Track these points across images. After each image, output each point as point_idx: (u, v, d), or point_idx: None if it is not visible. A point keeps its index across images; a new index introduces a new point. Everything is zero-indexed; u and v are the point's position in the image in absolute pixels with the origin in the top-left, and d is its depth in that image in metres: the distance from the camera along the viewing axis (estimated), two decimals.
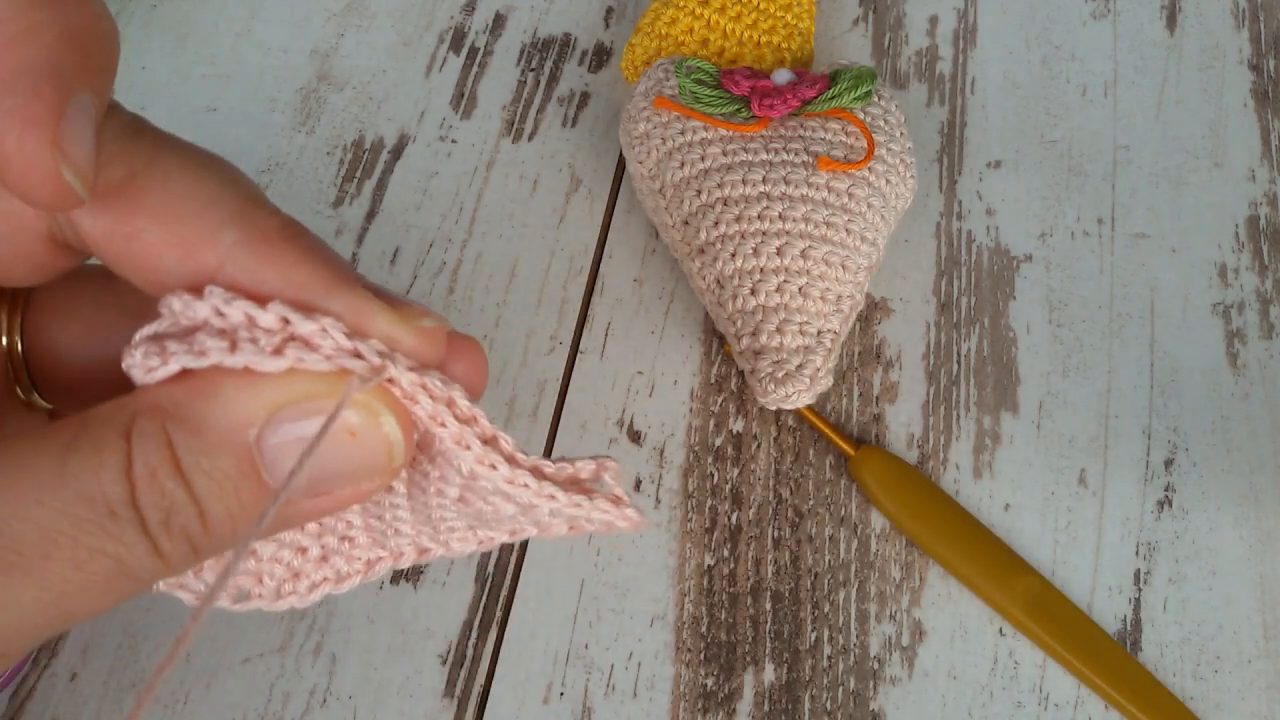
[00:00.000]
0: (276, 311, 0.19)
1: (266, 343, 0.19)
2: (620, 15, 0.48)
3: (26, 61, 0.18)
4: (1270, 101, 0.45)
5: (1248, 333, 0.40)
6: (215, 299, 0.19)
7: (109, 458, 0.18)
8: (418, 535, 0.23)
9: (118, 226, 0.20)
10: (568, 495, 0.21)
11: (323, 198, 0.42)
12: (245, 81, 0.45)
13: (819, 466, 0.37)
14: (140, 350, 0.19)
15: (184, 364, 0.19)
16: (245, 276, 0.20)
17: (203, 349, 0.19)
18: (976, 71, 0.46)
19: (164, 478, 0.19)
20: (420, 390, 0.20)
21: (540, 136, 0.44)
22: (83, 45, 0.18)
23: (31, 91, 0.18)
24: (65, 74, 0.18)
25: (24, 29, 0.18)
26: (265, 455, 0.19)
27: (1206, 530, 0.36)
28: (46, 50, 0.18)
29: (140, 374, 0.19)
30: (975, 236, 0.42)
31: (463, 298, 0.40)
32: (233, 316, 0.19)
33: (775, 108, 0.38)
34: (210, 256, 0.20)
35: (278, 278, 0.20)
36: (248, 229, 0.20)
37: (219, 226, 0.20)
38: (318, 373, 0.19)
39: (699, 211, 0.37)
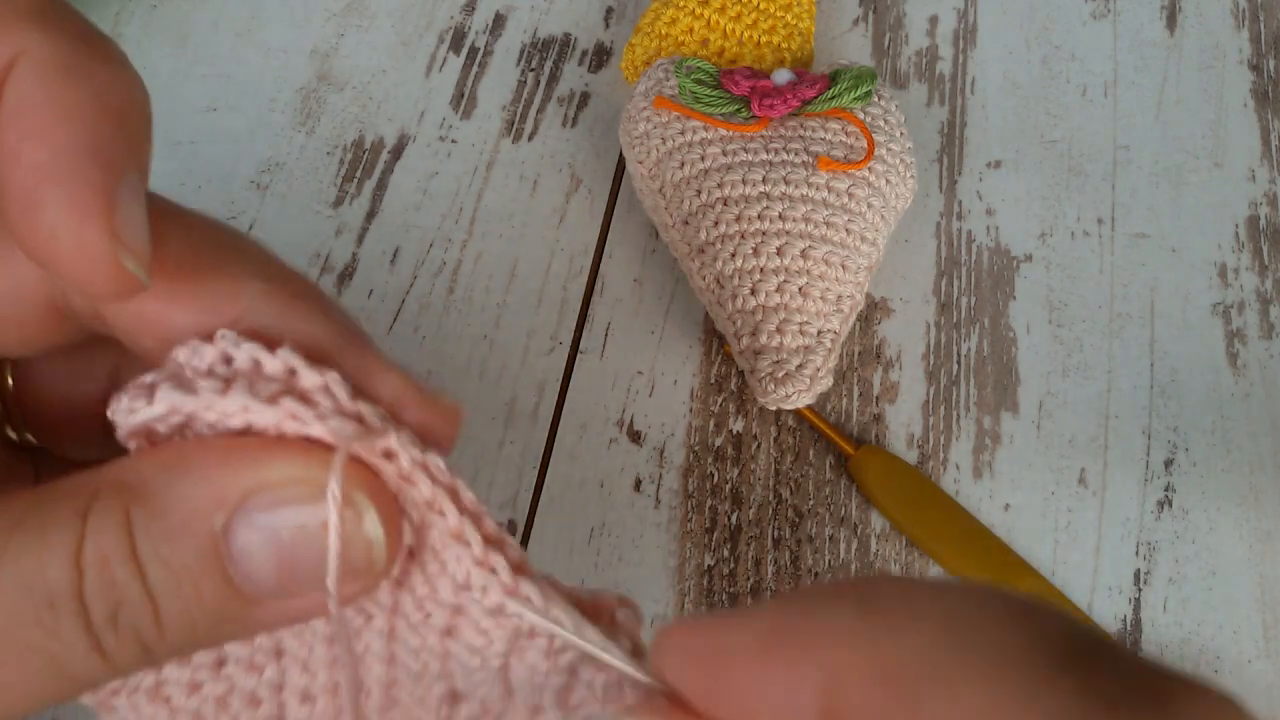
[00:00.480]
0: (284, 359, 0.17)
1: (264, 389, 0.17)
2: (620, 15, 0.48)
3: (70, 145, 0.16)
4: (1270, 101, 0.45)
5: (1248, 333, 0.40)
6: (225, 342, 0.18)
7: (57, 540, 0.16)
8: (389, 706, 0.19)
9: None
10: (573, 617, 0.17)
11: (323, 198, 0.42)
12: (245, 81, 0.45)
13: (819, 466, 0.37)
14: (127, 394, 0.18)
15: (171, 402, 0.17)
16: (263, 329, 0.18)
17: (193, 387, 0.17)
18: (976, 71, 0.46)
19: (116, 566, 0.16)
20: (420, 471, 0.18)
21: (540, 136, 0.44)
22: (123, 119, 0.17)
23: (81, 179, 0.16)
24: (111, 154, 0.17)
25: (63, 110, 0.17)
26: (232, 547, 0.17)
27: (1206, 530, 0.36)
28: (89, 130, 0.17)
29: (123, 416, 0.18)
30: (975, 236, 0.42)
31: (463, 298, 0.40)
32: (240, 361, 0.17)
33: (775, 108, 0.38)
34: (231, 309, 0.18)
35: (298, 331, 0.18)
36: (272, 283, 0.19)
37: (245, 278, 0.18)
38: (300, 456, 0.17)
39: (699, 211, 0.37)
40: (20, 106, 0.16)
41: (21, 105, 0.16)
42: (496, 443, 0.38)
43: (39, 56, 0.17)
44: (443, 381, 0.39)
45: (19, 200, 0.16)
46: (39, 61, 0.17)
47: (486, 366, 0.39)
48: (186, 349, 0.18)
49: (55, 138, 0.16)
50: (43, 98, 0.17)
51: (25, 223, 0.16)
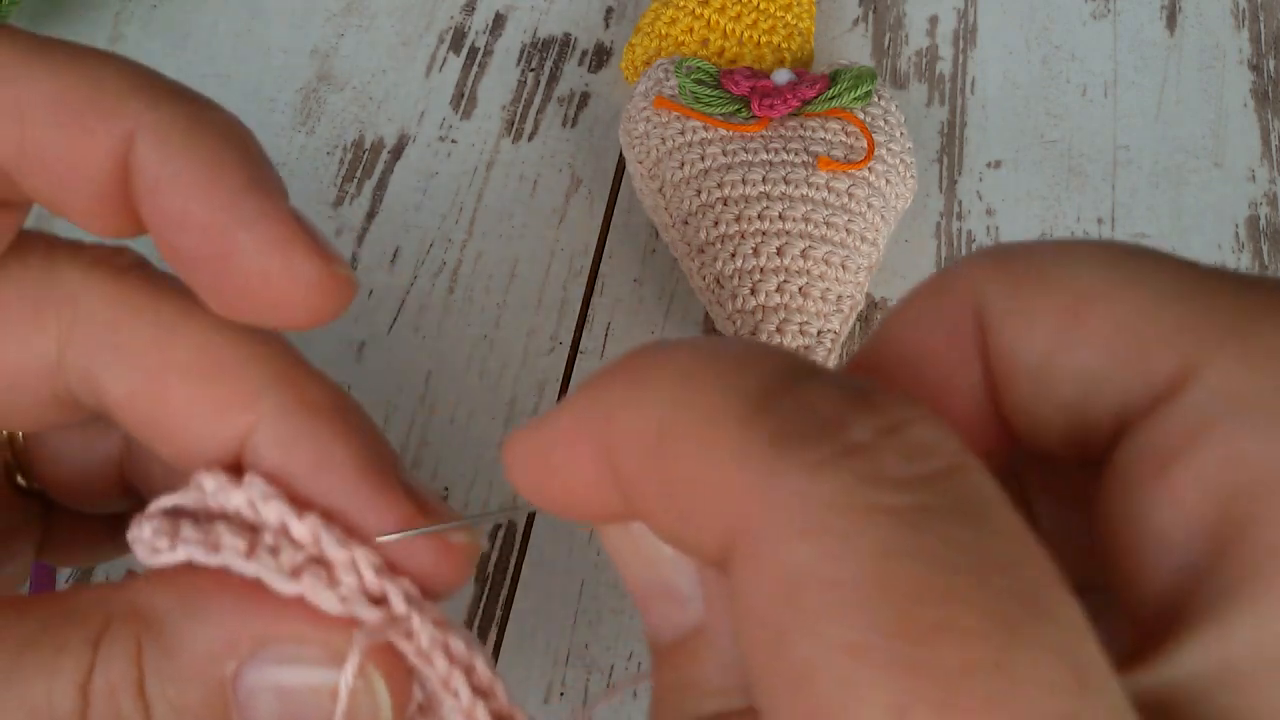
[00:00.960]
0: (311, 527, 0.17)
1: (287, 558, 0.17)
2: (620, 15, 0.48)
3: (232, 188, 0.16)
4: (1270, 101, 0.45)
5: None
6: (254, 492, 0.17)
7: (68, 664, 0.16)
8: None
9: (146, 387, 0.18)
10: None
11: (323, 198, 0.42)
12: (245, 81, 0.45)
13: None
14: (151, 525, 0.17)
15: (192, 556, 0.17)
16: (278, 450, 0.18)
17: (217, 544, 0.17)
18: (976, 71, 0.46)
19: (123, 699, 0.16)
20: (439, 651, 0.18)
21: (540, 136, 0.44)
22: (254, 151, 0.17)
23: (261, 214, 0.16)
24: (267, 184, 0.17)
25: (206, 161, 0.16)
26: (239, 694, 0.17)
27: None
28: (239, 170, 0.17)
29: (144, 552, 0.17)
30: (975, 236, 0.42)
31: (463, 298, 0.40)
32: (266, 517, 0.17)
33: (775, 108, 0.38)
34: (244, 420, 0.18)
35: (314, 458, 0.18)
36: (290, 394, 0.18)
37: (260, 388, 0.18)
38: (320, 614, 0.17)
39: (698, 211, 0.37)
40: (165, 175, 0.16)
41: (166, 174, 0.16)
42: (496, 443, 0.38)
43: (158, 124, 0.17)
44: (443, 381, 0.39)
45: (209, 261, 0.16)
46: (160, 129, 0.17)
47: (486, 366, 0.39)
48: (212, 481, 0.18)
49: (217, 191, 0.16)
50: (183, 160, 0.17)
51: (227, 279, 0.16)
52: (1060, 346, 0.14)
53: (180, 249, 0.17)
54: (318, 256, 0.16)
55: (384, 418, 0.38)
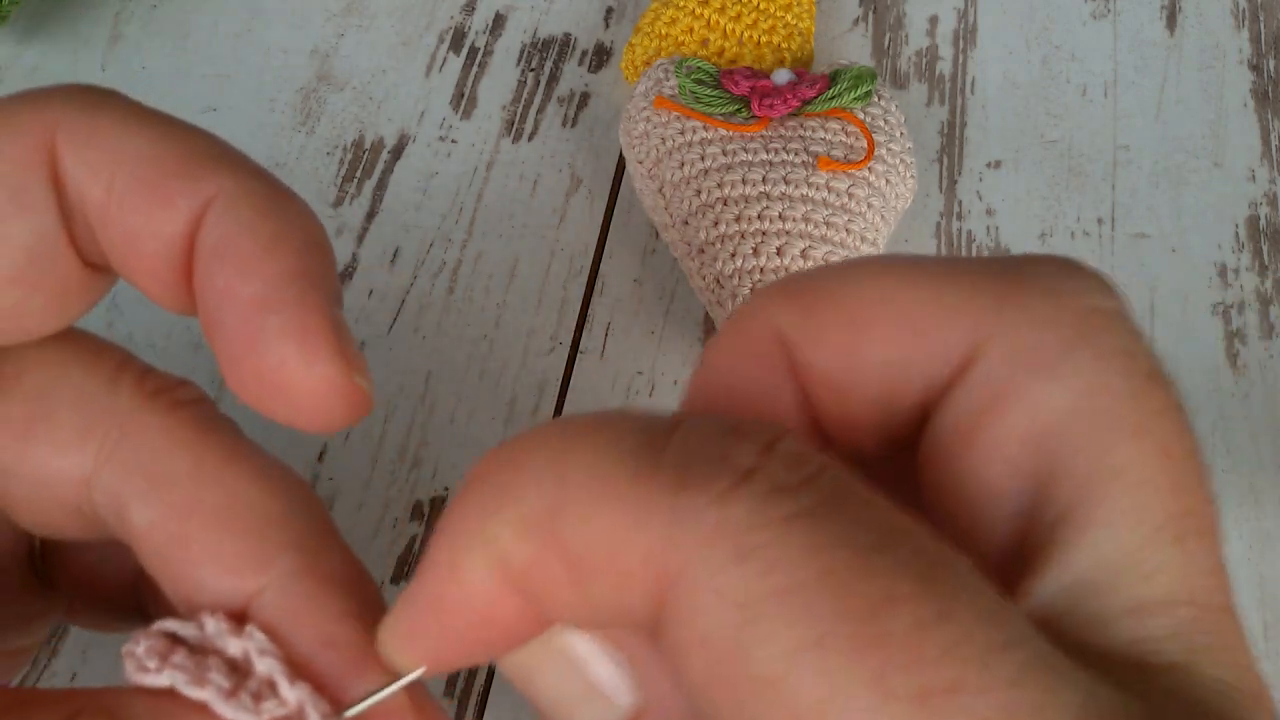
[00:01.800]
0: (299, 695, 0.17)
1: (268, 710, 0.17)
2: (620, 15, 0.48)
3: (281, 275, 0.16)
4: (1270, 101, 0.45)
5: (1248, 333, 0.40)
6: (251, 645, 0.17)
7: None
8: None
9: (168, 523, 0.18)
10: None
11: (323, 198, 0.43)
12: (245, 81, 0.45)
13: None
14: (146, 644, 0.18)
15: (175, 684, 0.17)
16: (282, 612, 0.17)
17: (203, 678, 0.17)
18: (976, 71, 0.46)
19: None
20: None
21: (540, 136, 0.44)
22: (319, 248, 0.17)
23: (299, 304, 0.16)
24: (321, 279, 0.17)
25: (268, 243, 0.17)
26: None
27: None
28: (295, 260, 0.17)
29: (132, 667, 0.17)
30: (975, 236, 0.42)
31: (463, 298, 0.40)
32: (258, 669, 0.17)
33: (775, 108, 0.38)
34: (253, 580, 0.18)
35: (315, 629, 0.17)
36: (306, 562, 0.18)
37: (279, 549, 0.18)
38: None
39: (698, 211, 0.37)
40: (225, 244, 0.17)
41: (226, 243, 0.17)
42: (496, 443, 0.38)
43: (234, 194, 0.17)
44: (443, 381, 0.39)
45: (238, 337, 0.16)
46: (235, 199, 0.17)
47: (486, 366, 0.39)
48: (213, 624, 0.18)
49: (265, 270, 0.16)
50: (246, 233, 0.17)
51: (247, 358, 0.17)
52: (853, 353, 0.16)
53: (216, 322, 0.17)
54: (340, 360, 0.17)
55: (384, 418, 0.38)
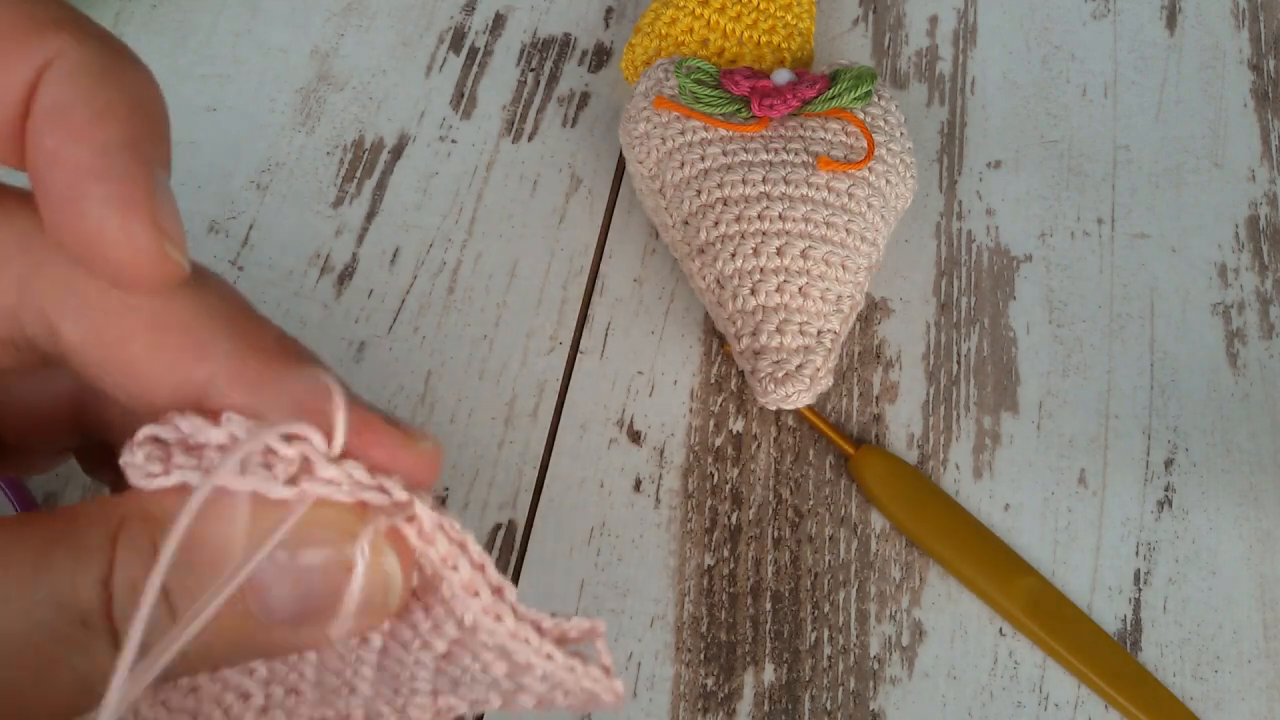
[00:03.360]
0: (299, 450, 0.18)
1: (282, 470, 0.18)
2: (620, 15, 0.48)
3: (109, 143, 0.17)
4: (1270, 101, 0.45)
5: (1248, 333, 0.40)
6: (233, 426, 0.18)
7: (90, 562, 0.17)
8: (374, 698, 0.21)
9: (101, 332, 0.18)
10: (565, 656, 0.20)
11: (323, 198, 0.42)
12: (245, 81, 0.45)
13: (819, 466, 0.37)
14: (142, 451, 0.18)
15: (188, 480, 0.18)
16: (238, 390, 0.18)
17: (209, 467, 0.18)
18: (976, 71, 0.46)
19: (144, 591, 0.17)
20: (439, 531, 0.19)
21: (540, 136, 0.44)
22: (151, 117, 0.18)
23: (123, 174, 0.17)
24: (146, 150, 0.17)
25: (99, 111, 0.17)
26: (255, 579, 0.18)
27: (1206, 530, 0.36)
28: (124, 129, 0.17)
29: (137, 476, 0.18)
30: (975, 236, 0.42)
31: (463, 298, 0.40)
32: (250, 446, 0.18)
33: (775, 108, 0.38)
34: (200, 368, 0.18)
35: (273, 392, 0.18)
36: (242, 340, 0.19)
37: (212, 335, 0.18)
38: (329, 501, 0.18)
39: (699, 211, 0.37)
40: (57, 109, 0.17)
41: (58, 108, 0.17)
42: (496, 443, 0.38)
43: (72, 60, 0.17)
44: (443, 381, 0.39)
45: (62, 199, 0.17)
46: (72, 65, 0.17)
47: (486, 366, 0.39)
48: (188, 422, 0.18)
49: (94, 137, 0.17)
50: (79, 99, 0.17)
51: (69, 220, 0.17)
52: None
53: (43, 181, 0.17)
54: (154, 230, 0.17)
55: None
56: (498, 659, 0.20)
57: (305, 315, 0.40)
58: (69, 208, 0.17)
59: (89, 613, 0.17)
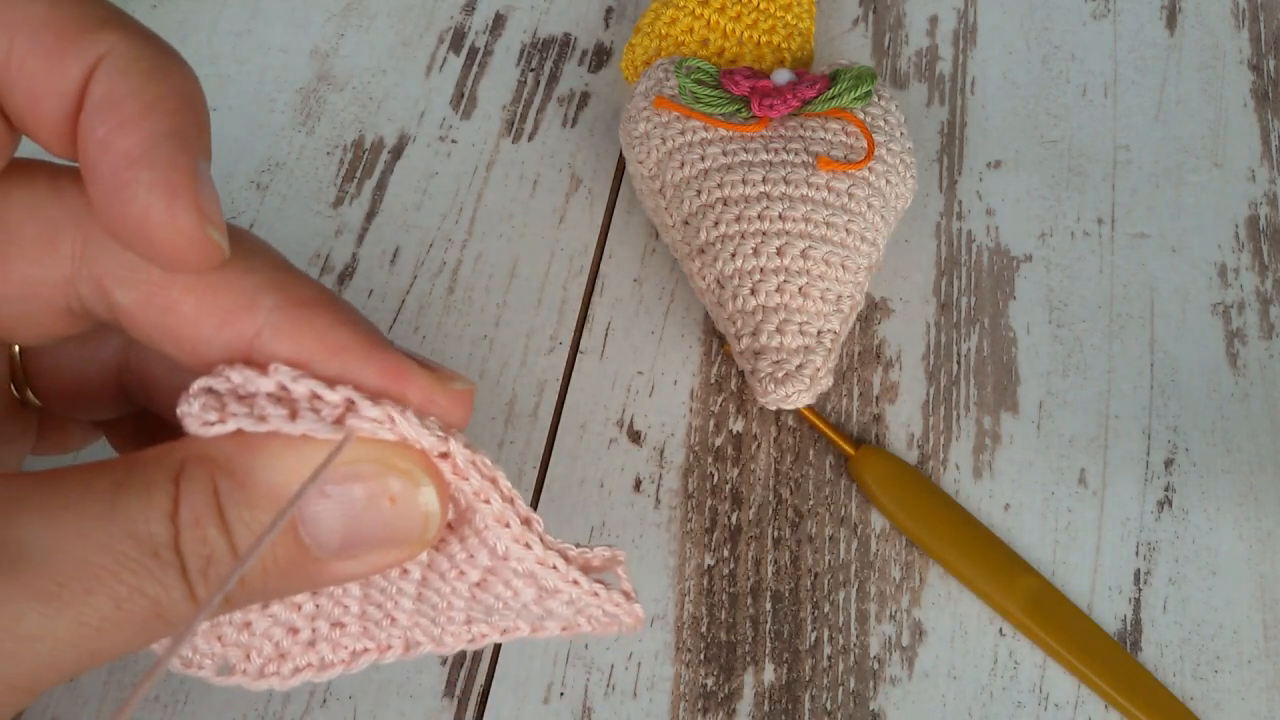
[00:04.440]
0: (343, 393, 0.19)
1: (328, 413, 0.19)
2: (620, 15, 0.48)
3: (156, 133, 0.18)
4: (1270, 101, 0.45)
5: (1248, 333, 0.40)
6: (282, 376, 0.19)
7: (157, 500, 0.18)
8: (412, 627, 0.23)
9: (153, 297, 0.20)
10: (589, 582, 0.21)
11: (323, 198, 0.42)
12: (245, 81, 0.45)
13: (819, 466, 0.37)
14: (199, 401, 0.19)
15: (242, 426, 0.19)
16: (284, 342, 0.20)
17: (263, 414, 0.19)
18: (976, 71, 0.46)
19: (208, 525, 0.19)
20: (472, 467, 0.20)
21: (540, 136, 0.44)
22: (195, 110, 0.19)
23: (170, 162, 0.18)
24: (190, 140, 0.19)
25: (148, 103, 0.19)
26: (305, 513, 0.19)
27: (1206, 530, 0.36)
28: (171, 119, 0.19)
29: (195, 425, 0.19)
30: (975, 236, 0.42)
31: (463, 298, 0.40)
32: (298, 393, 0.19)
33: (775, 108, 0.38)
34: (248, 324, 0.20)
35: (316, 341, 0.20)
36: (284, 294, 0.20)
37: (256, 293, 0.20)
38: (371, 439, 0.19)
39: (699, 211, 0.37)
40: (108, 101, 0.18)
41: (110, 100, 0.18)
42: (496, 443, 0.38)
43: (122, 57, 0.19)
44: None
45: (111, 185, 0.18)
46: (123, 61, 0.19)
47: (486, 366, 0.39)
48: (237, 374, 0.19)
49: (142, 128, 0.18)
50: (129, 92, 0.19)
51: (118, 205, 0.18)
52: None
53: (93, 168, 0.19)
54: (198, 214, 0.18)
55: None
56: (527, 585, 0.21)
57: None
58: (117, 193, 0.18)
59: (159, 545, 0.18)
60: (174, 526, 0.18)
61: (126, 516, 0.18)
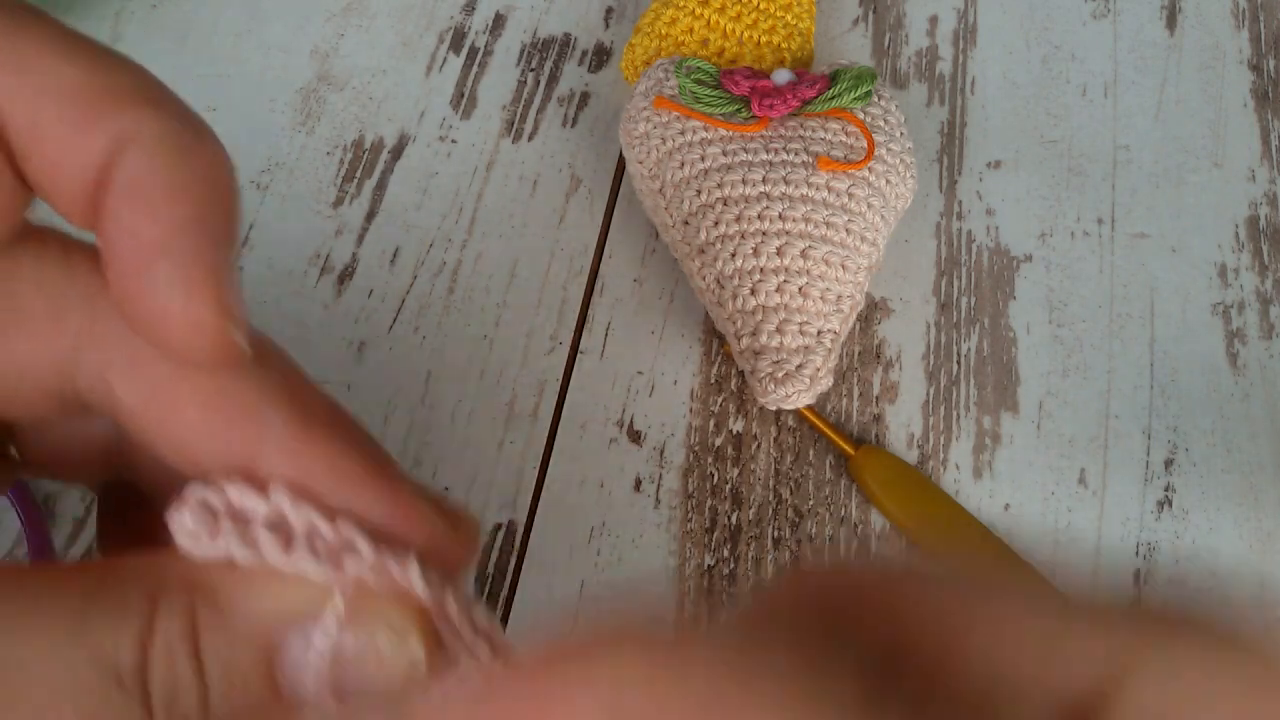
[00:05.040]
0: (342, 529, 0.18)
1: (325, 549, 0.18)
2: (620, 15, 0.48)
3: (181, 221, 0.17)
4: (1270, 101, 0.45)
5: (1248, 333, 0.40)
6: (281, 501, 0.18)
7: (129, 621, 0.17)
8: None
9: (156, 396, 0.19)
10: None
11: (323, 198, 0.42)
12: (245, 81, 0.45)
13: (819, 466, 0.37)
14: (191, 514, 0.18)
15: (233, 552, 0.18)
16: (289, 461, 0.19)
17: (256, 541, 0.18)
18: (976, 71, 0.46)
19: (179, 657, 0.18)
20: (466, 621, 0.19)
21: (540, 136, 0.44)
22: (224, 196, 0.18)
23: (192, 253, 0.17)
24: (217, 229, 0.18)
25: (175, 188, 0.18)
26: (286, 657, 0.18)
27: (1206, 530, 0.36)
28: (197, 207, 0.18)
29: (184, 538, 0.18)
30: (975, 236, 0.42)
31: (463, 298, 0.40)
32: (295, 522, 0.18)
33: (775, 108, 0.38)
34: (253, 438, 0.19)
35: (323, 466, 0.19)
36: (295, 411, 0.19)
37: (265, 405, 0.19)
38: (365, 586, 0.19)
39: (699, 211, 0.37)
40: (134, 184, 0.18)
41: (136, 183, 0.18)
42: (496, 443, 0.38)
43: (151, 136, 0.18)
44: (443, 381, 0.39)
45: (131, 272, 0.17)
46: (151, 141, 0.18)
47: (486, 366, 0.39)
48: (235, 489, 0.19)
49: (167, 214, 0.17)
50: (156, 176, 0.18)
51: (135, 293, 0.17)
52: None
53: (113, 252, 0.18)
54: (218, 309, 0.17)
55: (384, 418, 0.38)
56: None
57: (305, 315, 0.40)
58: (137, 281, 0.17)
59: (125, 671, 0.17)
60: (143, 653, 0.17)
61: (95, 639, 0.17)
